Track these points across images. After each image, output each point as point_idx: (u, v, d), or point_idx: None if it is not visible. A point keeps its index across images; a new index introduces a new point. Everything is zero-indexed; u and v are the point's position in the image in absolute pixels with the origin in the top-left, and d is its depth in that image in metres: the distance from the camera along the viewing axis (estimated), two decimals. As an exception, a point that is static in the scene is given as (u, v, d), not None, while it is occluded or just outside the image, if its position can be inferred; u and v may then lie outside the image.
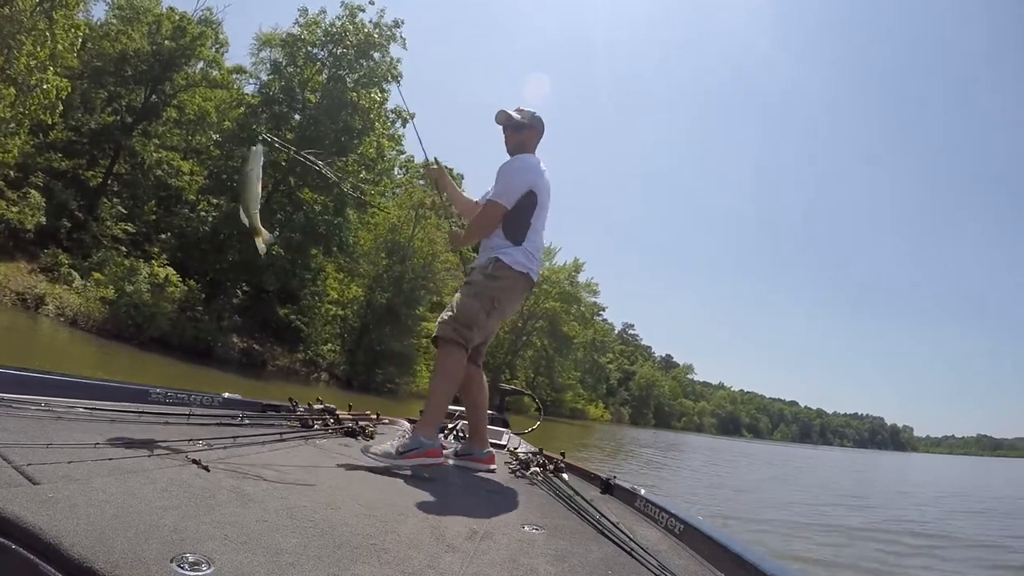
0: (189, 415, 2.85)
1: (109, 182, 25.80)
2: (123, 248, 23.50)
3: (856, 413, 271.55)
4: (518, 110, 3.40)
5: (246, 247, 24.88)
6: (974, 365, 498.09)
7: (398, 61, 28.97)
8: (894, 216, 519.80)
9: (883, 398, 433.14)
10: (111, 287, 20.65)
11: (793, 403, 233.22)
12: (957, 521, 12.15)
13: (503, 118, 3.41)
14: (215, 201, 26.19)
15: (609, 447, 25.51)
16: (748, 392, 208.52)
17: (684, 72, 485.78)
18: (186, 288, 22.98)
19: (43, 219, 21.46)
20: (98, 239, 23.50)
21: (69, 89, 20.69)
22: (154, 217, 26.38)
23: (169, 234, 25.59)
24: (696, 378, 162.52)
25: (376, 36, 27.72)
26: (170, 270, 22.62)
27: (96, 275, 20.98)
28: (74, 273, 21.01)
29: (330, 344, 28.67)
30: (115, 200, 25.42)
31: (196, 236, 25.25)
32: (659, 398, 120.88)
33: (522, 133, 3.37)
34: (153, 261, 22.68)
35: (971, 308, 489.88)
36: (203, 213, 25.75)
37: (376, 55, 28.23)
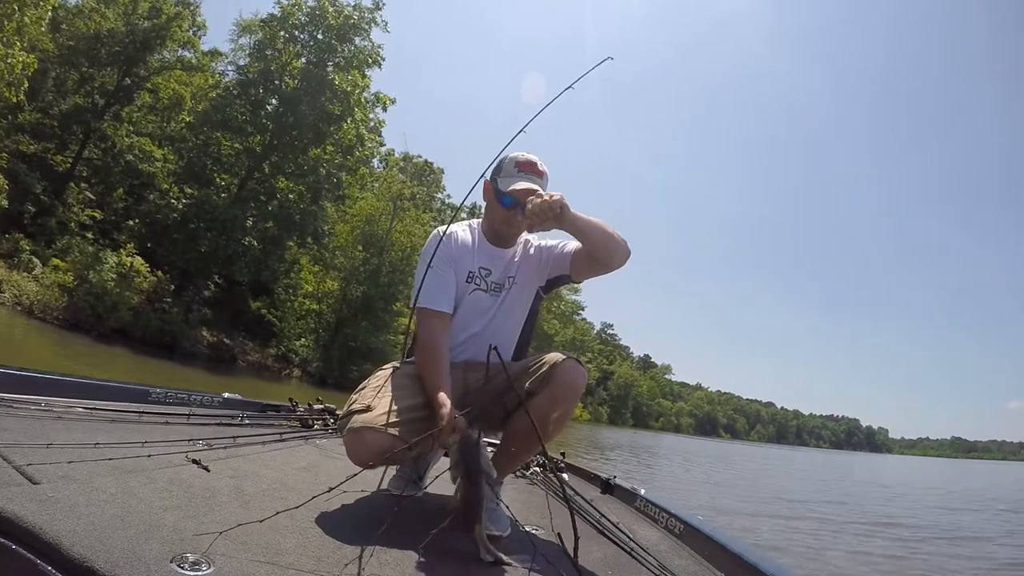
0: (189, 415, 2.92)
1: (78, 167, 24.94)
2: (90, 235, 22.66)
3: (832, 415, 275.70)
4: (539, 170, 2.25)
5: (218, 238, 24.23)
6: (947, 368, 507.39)
7: (380, 47, 28.43)
8: (875, 216, 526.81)
9: (859, 400, 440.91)
10: (69, 274, 19.77)
11: (770, 404, 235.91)
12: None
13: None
14: (189, 191, 25.40)
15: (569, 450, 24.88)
16: (725, 393, 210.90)
17: (671, 72, 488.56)
18: (155, 279, 22.22)
19: (5, 202, 20.59)
20: (64, 225, 22.63)
21: (35, 65, 19.92)
22: (123, 204, 25.56)
23: (137, 221, 24.76)
24: (674, 378, 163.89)
25: (356, 18, 27.09)
26: (138, 259, 21.84)
27: (55, 261, 20.11)
28: (35, 260, 20.14)
29: (304, 339, 28.01)
30: (83, 186, 24.59)
31: (167, 224, 24.46)
32: (637, 398, 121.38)
33: None
34: (121, 250, 21.85)
35: (949, 311, 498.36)
36: (174, 201, 24.93)
37: (357, 39, 27.61)
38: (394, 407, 1.93)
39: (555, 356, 2.08)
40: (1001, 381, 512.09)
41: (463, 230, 2.38)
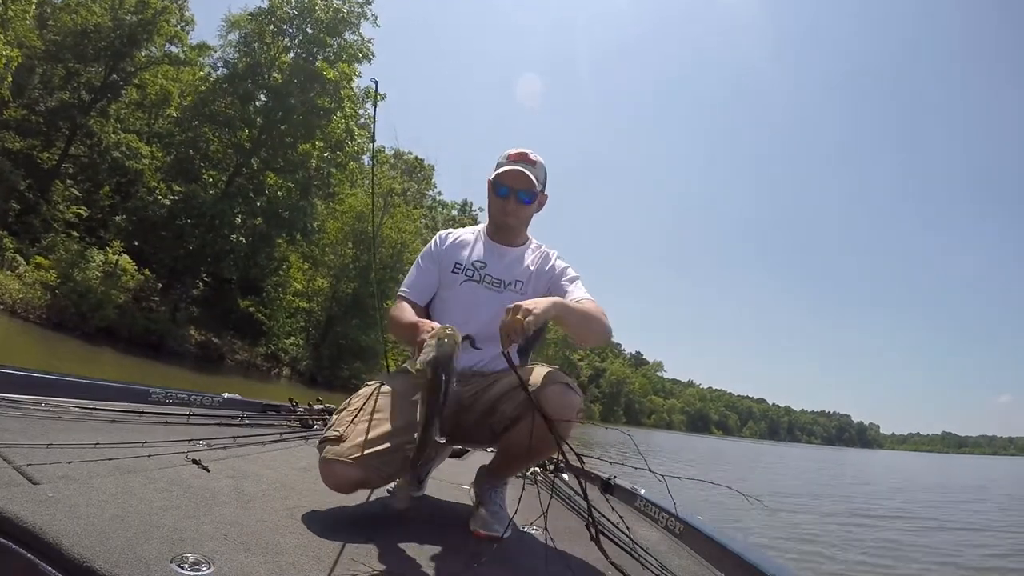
0: (189, 415, 2.93)
1: (64, 164, 24.58)
2: (75, 233, 22.30)
3: (823, 411, 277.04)
4: (531, 159, 2.25)
5: (206, 235, 23.93)
6: (938, 363, 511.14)
7: (370, 41, 28.23)
8: (865, 211, 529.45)
9: (850, 396, 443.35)
10: (52, 272, 19.42)
11: (761, 400, 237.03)
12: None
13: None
14: (177, 188, 25.07)
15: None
16: (717, 389, 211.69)
17: (652, 69, 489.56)
18: (141, 277, 21.91)
19: (-11, 199, 20.34)
20: (49, 223, 22.27)
21: (19, 59, 19.63)
22: (110, 202, 25.20)
23: (124, 216, 24.40)
24: (666, 375, 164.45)
25: (345, 11, 26.88)
26: (125, 257, 21.54)
27: (38, 259, 19.78)
28: (19, 258, 19.82)
29: (293, 338, 27.70)
30: (69, 183, 24.22)
31: (154, 221, 24.13)
32: (629, 395, 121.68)
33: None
34: (108, 248, 21.55)
35: (940, 309, 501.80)
36: (161, 198, 24.61)
37: (347, 34, 27.40)
38: (369, 435, 1.84)
39: (540, 379, 1.85)
40: (991, 376, 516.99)
41: (465, 232, 2.41)
